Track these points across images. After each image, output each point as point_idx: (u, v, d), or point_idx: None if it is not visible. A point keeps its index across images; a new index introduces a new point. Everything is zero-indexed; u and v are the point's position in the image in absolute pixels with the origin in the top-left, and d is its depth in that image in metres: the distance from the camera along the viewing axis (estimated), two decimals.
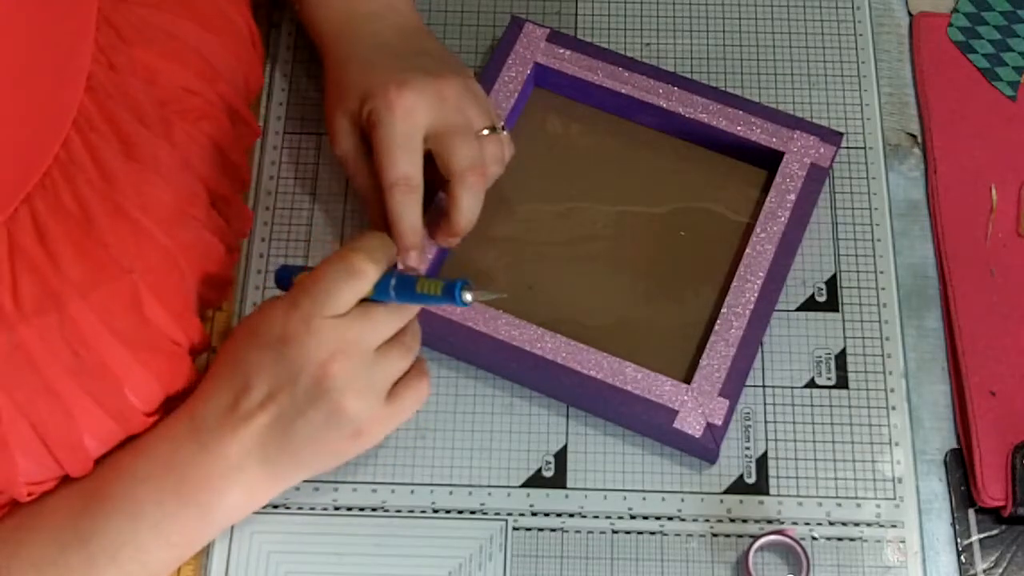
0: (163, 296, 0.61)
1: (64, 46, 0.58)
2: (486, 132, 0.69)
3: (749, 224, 0.74)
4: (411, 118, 0.67)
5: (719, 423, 0.67)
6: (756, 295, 0.70)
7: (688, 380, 0.68)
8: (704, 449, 0.68)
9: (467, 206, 0.68)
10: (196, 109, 0.65)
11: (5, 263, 0.55)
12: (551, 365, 0.69)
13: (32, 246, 0.56)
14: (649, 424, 0.68)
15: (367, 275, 0.59)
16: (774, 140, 0.74)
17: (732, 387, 0.68)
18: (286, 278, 0.65)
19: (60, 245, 0.57)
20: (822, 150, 0.74)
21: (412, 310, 0.62)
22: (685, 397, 0.68)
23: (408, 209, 0.67)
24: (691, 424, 0.67)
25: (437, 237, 0.71)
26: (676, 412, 0.67)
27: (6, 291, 0.55)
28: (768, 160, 0.75)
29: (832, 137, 0.75)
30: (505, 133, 0.71)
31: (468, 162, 0.67)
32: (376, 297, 0.60)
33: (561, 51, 0.77)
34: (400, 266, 0.68)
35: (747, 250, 0.71)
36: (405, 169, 0.67)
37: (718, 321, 0.69)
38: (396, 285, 0.60)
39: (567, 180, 0.76)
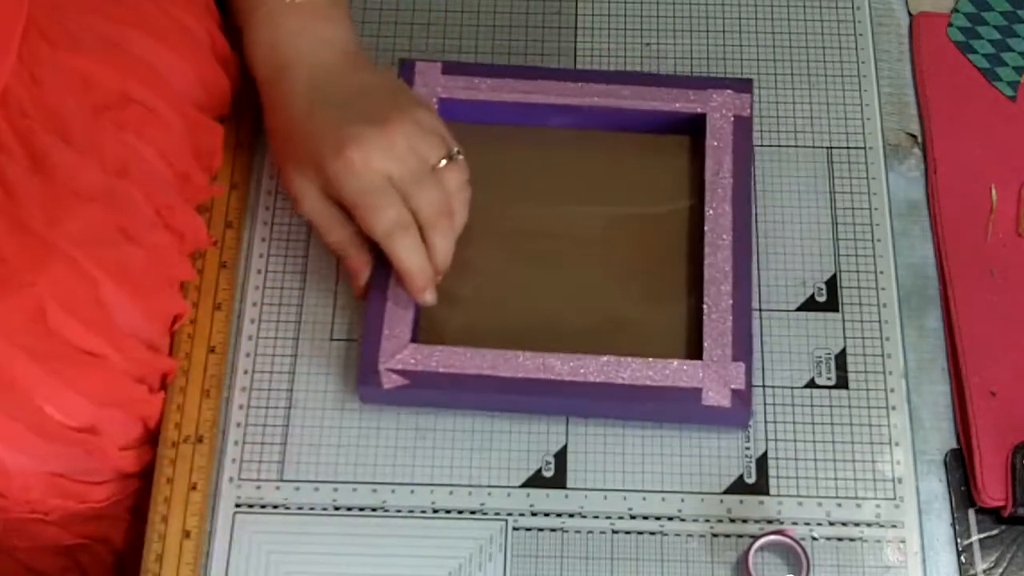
0: (74, 308, 0.60)
1: None
2: (443, 163, 0.68)
3: (700, 190, 0.74)
4: (374, 171, 0.65)
5: (743, 387, 0.67)
6: (730, 253, 0.71)
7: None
8: (736, 417, 0.68)
9: (442, 248, 0.67)
10: (138, 117, 0.65)
11: None
12: (563, 384, 0.68)
13: None
14: (675, 411, 0.68)
15: None
16: (692, 103, 0.75)
17: (742, 349, 0.68)
18: None
19: None
20: (738, 100, 0.75)
21: None
22: (702, 372, 0.68)
23: (412, 252, 0.66)
24: (717, 396, 0.67)
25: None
26: (700, 389, 0.68)
27: None
28: (695, 126, 0.76)
29: (743, 85, 0.76)
30: (461, 157, 0.69)
31: (434, 208, 0.67)
32: None
33: (459, 79, 0.76)
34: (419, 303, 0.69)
35: (707, 211, 0.72)
36: (393, 212, 0.66)
37: (704, 290, 0.70)
38: None
39: (506, 203, 0.75)
